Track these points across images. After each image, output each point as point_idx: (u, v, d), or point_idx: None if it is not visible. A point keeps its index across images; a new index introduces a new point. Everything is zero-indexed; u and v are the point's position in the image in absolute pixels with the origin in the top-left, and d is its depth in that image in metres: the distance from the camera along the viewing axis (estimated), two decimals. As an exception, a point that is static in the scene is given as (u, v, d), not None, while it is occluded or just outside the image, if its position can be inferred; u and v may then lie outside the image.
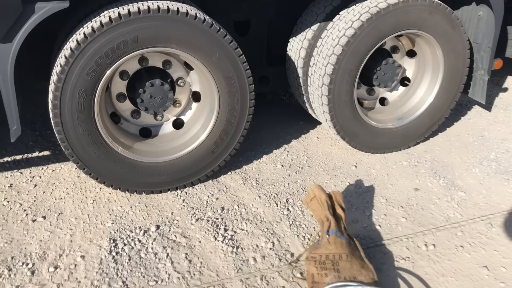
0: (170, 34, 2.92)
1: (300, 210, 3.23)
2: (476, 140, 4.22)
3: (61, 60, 2.80)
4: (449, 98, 3.92)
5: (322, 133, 4.27)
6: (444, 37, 3.63)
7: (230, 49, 3.12)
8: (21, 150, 3.87)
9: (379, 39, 3.45)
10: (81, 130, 2.96)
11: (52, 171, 3.61)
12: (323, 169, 3.74)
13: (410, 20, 3.46)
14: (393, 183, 3.57)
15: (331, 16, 3.58)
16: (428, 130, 4.02)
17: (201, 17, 2.98)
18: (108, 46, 2.81)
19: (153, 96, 3.21)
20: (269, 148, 4.03)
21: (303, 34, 3.71)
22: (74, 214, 3.15)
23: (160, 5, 2.87)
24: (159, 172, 3.30)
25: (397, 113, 3.98)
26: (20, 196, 3.31)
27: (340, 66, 3.40)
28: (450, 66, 3.78)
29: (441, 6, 3.52)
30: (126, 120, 3.43)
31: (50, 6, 2.63)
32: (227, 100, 3.26)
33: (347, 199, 3.35)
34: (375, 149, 3.91)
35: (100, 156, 3.09)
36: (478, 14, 3.86)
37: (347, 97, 3.55)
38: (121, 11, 2.81)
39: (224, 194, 3.41)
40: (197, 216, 3.17)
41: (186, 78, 3.42)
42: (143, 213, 3.18)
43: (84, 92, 2.87)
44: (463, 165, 3.83)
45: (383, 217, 3.20)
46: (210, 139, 3.36)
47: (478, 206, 3.32)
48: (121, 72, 3.21)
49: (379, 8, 3.34)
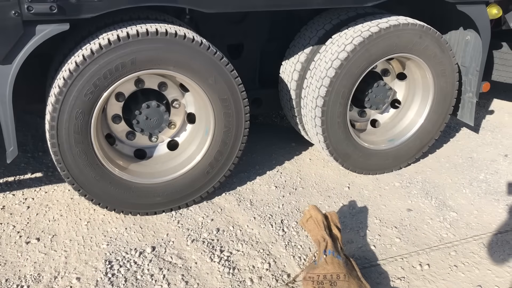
0: (168, 56, 2.96)
1: (295, 231, 3.25)
2: (465, 161, 4.30)
3: (59, 82, 2.82)
4: (439, 120, 4.01)
5: (315, 155, 4.32)
6: (434, 60, 3.73)
7: (226, 71, 3.17)
8: (13, 172, 3.84)
9: (371, 62, 3.54)
10: (78, 151, 2.96)
11: (45, 193, 3.58)
12: (316, 190, 3.77)
13: (401, 44, 3.56)
14: (386, 204, 3.61)
15: (323, 39, 3.66)
16: (419, 151, 4.10)
17: (198, 40, 3.04)
18: (106, 68, 2.84)
19: (148, 117, 3.23)
20: (262, 169, 4.05)
21: (296, 57, 3.79)
22: (68, 236, 3.12)
23: (158, 28, 2.92)
24: (154, 193, 3.30)
25: (388, 134, 4.05)
26: (13, 218, 3.28)
27: (333, 88, 3.47)
28: (440, 89, 3.88)
29: (431, 31, 3.63)
30: (121, 141, 3.43)
31: (51, 29, 2.65)
32: (222, 121, 3.30)
33: (341, 220, 3.37)
34: (368, 170, 3.96)
35: (95, 177, 3.09)
36: (466, 38, 3.99)
37: (340, 118, 3.62)
38: (120, 33, 2.85)
39: (219, 215, 3.41)
40: (193, 237, 3.16)
41: (181, 100, 3.45)
42: (138, 234, 3.17)
43: (81, 113, 2.88)
44: (454, 186, 3.89)
45: (377, 237, 3.22)
46: (205, 161, 3.38)
47: (470, 226, 3.37)
48: (117, 93, 3.23)
49: (371, 32, 3.43)
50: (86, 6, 2.67)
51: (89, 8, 2.68)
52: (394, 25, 3.47)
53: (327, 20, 3.74)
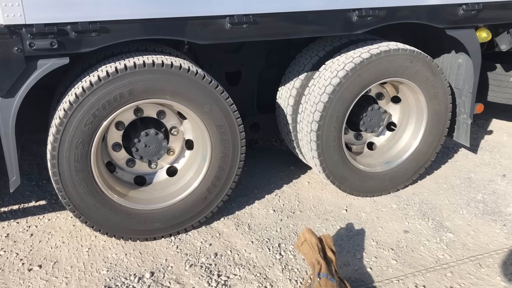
0: (164, 86, 3.07)
1: (292, 254, 3.29)
2: (463, 182, 4.33)
3: (60, 113, 2.93)
4: (434, 142, 4.06)
5: (313, 178, 4.38)
6: (426, 84, 3.81)
7: (221, 99, 3.27)
8: (18, 200, 3.94)
9: (363, 87, 3.63)
10: (78, 179, 3.06)
11: (48, 220, 3.67)
12: (314, 213, 3.82)
13: (392, 69, 3.65)
14: (383, 226, 3.65)
15: (317, 66, 3.77)
16: (416, 173, 4.14)
17: (194, 70, 3.15)
18: (105, 99, 2.95)
19: (147, 145, 3.32)
20: (261, 193, 4.12)
21: (291, 83, 3.89)
22: (70, 263, 3.18)
23: (155, 60, 3.03)
24: (153, 219, 3.36)
25: (385, 157, 4.10)
26: (17, 245, 3.36)
27: (327, 113, 3.55)
28: (434, 111, 3.95)
29: (422, 55, 3.72)
30: (121, 168, 3.53)
31: (52, 63, 2.78)
32: (219, 147, 3.38)
33: (338, 242, 3.41)
34: (365, 192, 4.00)
35: (96, 205, 3.17)
36: (458, 61, 4.07)
37: (335, 142, 3.69)
38: (118, 65, 2.97)
39: (217, 240, 3.46)
40: (191, 262, 3.21)
41: (180, 127, 3.55)
42: (138, 260, 3.23)
43: (81, 142, 2.98)
44: (451, 206, 3.92)
45: (373, 259, 3.25)
46: (203, 186, 3.45)
47: (466, 247, 3.39)
48: (117, 122, 3.33)
49: (362, 58, 3.53)
50: (85, 41, 2.79)
51: (88, 42, 2.80)
52: (384, 51, 3.57)
53: (321, 47, 3.85)
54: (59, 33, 2.71)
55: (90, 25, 2.74)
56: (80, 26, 2.73)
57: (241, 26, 3.09)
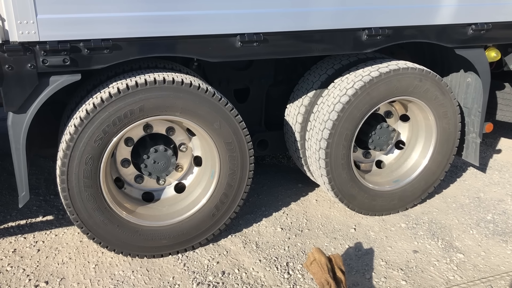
0: (174, 103, 3.08)
1: (300, 273, 3.25)
2: (472, 201, 4.30)
3: (70, 129, 2.94)
4: (443, 161, 4.04)
5: (321, 196, 4.35)
6: (435, 102, 3.81)
7: (231, 116, 3.27)
8: (25, 215, 3.93)
9: (373, 105, 3.63)
10: (87, 195, 3.05)
11: (55, 236, 3.65)
12: (322, 231, 3.79)
13: (401, 87, 3.65)
14: (392, 245, 3.61)
15: (326, 84, 3.78)
16: (425, 192, 4.11)
17: (204, 87, 3.16)
18: (115, 115, 2.96)
19: (156, 161, 3.32)
20: (268, 211, 4.09)
21: (300, 100, 3.90)
22: (76, 279, 3.16)
23: (166, 77, 3.05)
24: (161, 236, 3.35)
25: (394, 175, 4.08)
26: (23, 261, 3.34)
27: (336, 131, 3.55)
28: (443, 130, 3.93)
29: (431, 74, 3.72)
30: (129, 184, 3.52)
31: (64, 79, 2.80)
32: (227, 164, 3.38)
33: (347, 262, 3.38)
34: (373, 211, 3.98)
35: (104, 221, 3.16)
36: (467, 80, 4.07)
37: (344, 160, 3.68)
38: (129, 82, 2.99)
39: (224, 257, 3.44)
40: (198, 280, 3.18)
41: (188, 144, 3.56)
42: (145, 277, 3.20)
43: (91, 158, 2.99)
44: (461, 226, 3.88)
45: (383, 279, 3.21)
46: (211, 203, 3.44)
47: (477, 268, 3.34)
48: (126, 138, 3.34)
49: (371, 76, 3.54)
50: (97, 58, 2.82)
51: (99, 59, 2.83)
52: (394, 69, 3.57)
53: (330, 65, 3.86)
54: (71, 50, 2.73)
55: (103, 42, 2.77)
56: (93, 43, 2.76)
57: (252, 44, 3.12)
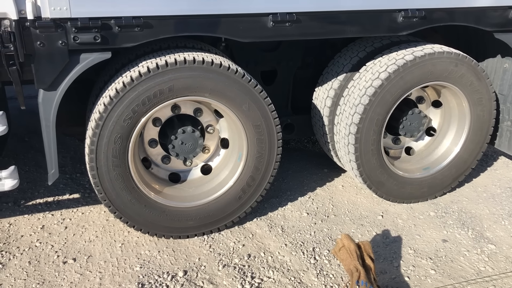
0: (204, 84, 3.04)
1: (327, 259, 3.21)
2: (504, 191, 4.18)
3: (99, 107, 2.93)
4: (476, 149, 3.93)
5: (347, 181, 4.29)
6: (470, 88, 3.68)
7: (260, 98, 3.22)
8: (52, 193, 3.97)
9: (405, 90, 3.52)
10: (115, 174, 3.05)
11: (82, 214, 3.68)
12: (349, 218, 3.74)
13: (436, 72, 3.54)
14: (420, 234, 3.54)
15: (357, 67, 3.68)
16: (455, 180, 4.01)
17: (234, 68, 3.11)
18: (145, 95, 2.93)
19: (184, 142, 3.30)
20: (294, 195, 4.05)
21: (329, 83, 3.81)
22: (103, 257, 3.18)
23: (196, 57, 3.00)
24: (187, 217, 3.34)
25: (423, 163, 3.99)
26: (52, 237, 3.38)
27: (367, 115, 3.47)
28: (477, 117, 3.81)
29: (467, 59, 3.59)
30: (156, 165, 3.51)
31: (94, 57, 2.78)
32: (255, 147, 3.33)
33: (374, 249, 3.31)
34: (402, 198, 3.90)
35: (131, 200, 3.16)
36: (504, 66, 3.92)
37: (374, 146, 3.59)
38: (159, 61, 2.94)
39: (250, 240, 3.41)
40: (224, 262, 3.17)
41: (216, 125, 3.52)
42: (171, 258, 3.21)
43: (120, 138, 2.97)
44: (492, 217, 3.78)
45: (411, 268, 3.16)
46: (238, 186, 3.41)
47: (510, 260, 3.26)
48: (154, 119, 3.32)
49: (405, 60, 3.43)
50: (128, 36, 2.78)
51: (130, 37, 2.79)
52: (429, 53, 3.46)
53: (361, 47, 3.76)
54: (102, 27, 2.70)
55: (134, 20, 2.73)
56: (124, 21, 2.72)
57: (284, 24, 3.04)
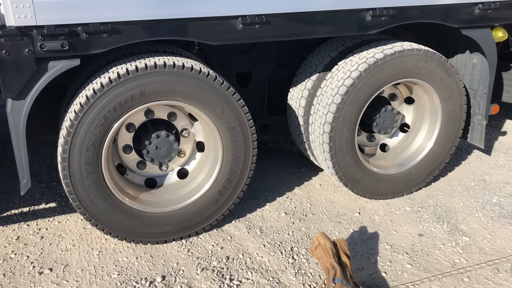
0: (176, 88, 3.04)
1: (305, 258, 3.24)
2: (477, 184, 4.26)
3: (70, 115, 2.90)
4: (449, 143, 3.99)
5: (325, 180, 4.32)
6: (441, 84, 3.75)
7: (233, 100, 3.22)
8: (28, 202, 3.92)
9: (377, 88, 3.57)
10: (89, 182, 3.03)
11: (58, 223, 3.64)
12: (326, 216, 3.77)
13: (406, 69, 3.59)
14: (397, 229, 3.59)
15: (329, 66, 3.71)
16: (430, 175, 4.07)
17: (205, 71, 3.11)
18: (116, 101, 2.92)
19: (158, 147, 3.29)
20: (272, 195, 4.07)
21: (303, 84, 3.84)
22: (80, 266, 3.15)
23: (166, 61, 3.00)
24: (165, 222, 3.33)
25: (398, 159, 4.04)
26: (27, 248, 3.33)
27: (340, 114, 3.50)
28: (448, 112, 3.88)
29: (436, 55, 3.66)
30: (132, 171, 3.49)
31: (62, 64, 2.75)
32: (230, 149, 3.34)
33: (351, 246, 3.35)
34: (378, 195, 3.94)
35: (106, 208, 3.14)
36: (473, 61, 4.00)
37: (348, 144, 3.63)
38: (129, 67, 2.93)
39: (228, 243, 3.42)
40: (202, 266, 3.17)
41: (191, 129, 3.51)
42: (149, 263, 3.19)
43: (92, 145, 2.95)
44: (466, 209, 3.85)
45: (388, 263, 3.20)
46: (214, 188, 3.41)
47: (483, 251, 3.32)
48: (128, 124, 3.30)
49: (376, 58, 3.47)
50: (96, 42, 2.76)
51: (98, 44, 2.77)
52: (399, 51, 3.51)
53: (333, 47, 3.80)
54: (70, 34, 2.68)
55: (101, 26, 2.72)
56: (91, 27, 2.70)
57: (253, 26, 3.05)
